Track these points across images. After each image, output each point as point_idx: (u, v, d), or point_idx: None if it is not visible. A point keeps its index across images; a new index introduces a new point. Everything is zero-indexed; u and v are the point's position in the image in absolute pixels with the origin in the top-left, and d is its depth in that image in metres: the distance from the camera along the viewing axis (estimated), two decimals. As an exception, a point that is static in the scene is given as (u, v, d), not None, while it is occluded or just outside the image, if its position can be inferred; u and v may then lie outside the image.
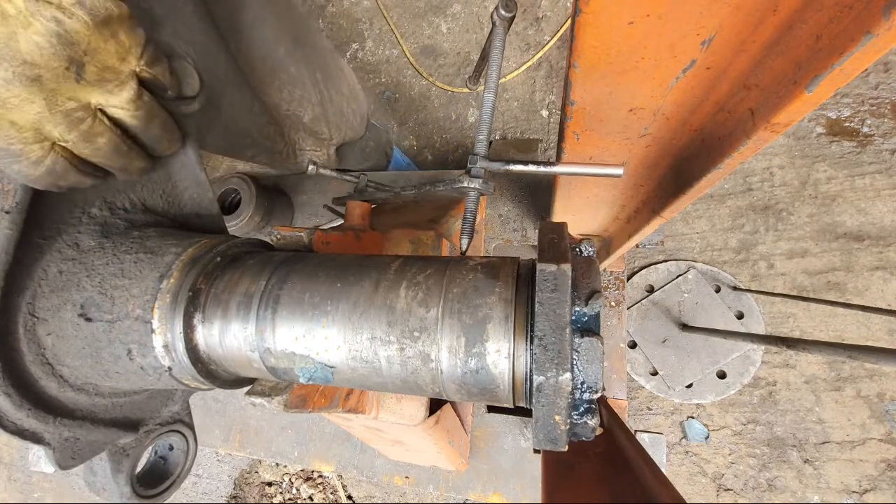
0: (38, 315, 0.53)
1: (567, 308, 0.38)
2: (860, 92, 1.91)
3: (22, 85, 0.39)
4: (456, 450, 1.28)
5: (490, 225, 1.72)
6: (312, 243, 0.63)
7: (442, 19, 2.38)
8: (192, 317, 0.52)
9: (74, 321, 0.53)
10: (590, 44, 0.52)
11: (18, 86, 0.39)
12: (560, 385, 0.37)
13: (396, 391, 0.49)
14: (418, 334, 0.45)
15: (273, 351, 0.50)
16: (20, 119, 0.41)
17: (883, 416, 1.73)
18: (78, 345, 0.53)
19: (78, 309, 0.53)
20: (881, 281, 1.80)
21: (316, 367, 0.49)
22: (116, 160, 0.50)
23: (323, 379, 0.50)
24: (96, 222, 0.59)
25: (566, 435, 0.40)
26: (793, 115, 0.49)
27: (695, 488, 1.83)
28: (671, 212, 0.85)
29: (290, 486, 2.20)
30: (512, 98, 2.26)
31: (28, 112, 0.40)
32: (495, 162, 0.70)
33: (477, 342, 0.43)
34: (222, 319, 0.51)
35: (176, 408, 0.69)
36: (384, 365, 0.46)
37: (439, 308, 0.45)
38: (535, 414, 0.39)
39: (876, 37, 0.36)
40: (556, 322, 0.38)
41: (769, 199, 1.94)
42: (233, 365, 0.54)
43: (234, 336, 0.51)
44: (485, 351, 0.42)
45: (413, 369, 0.46)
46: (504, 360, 0.42)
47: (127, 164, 0.52)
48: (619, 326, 1.64)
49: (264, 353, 0.50)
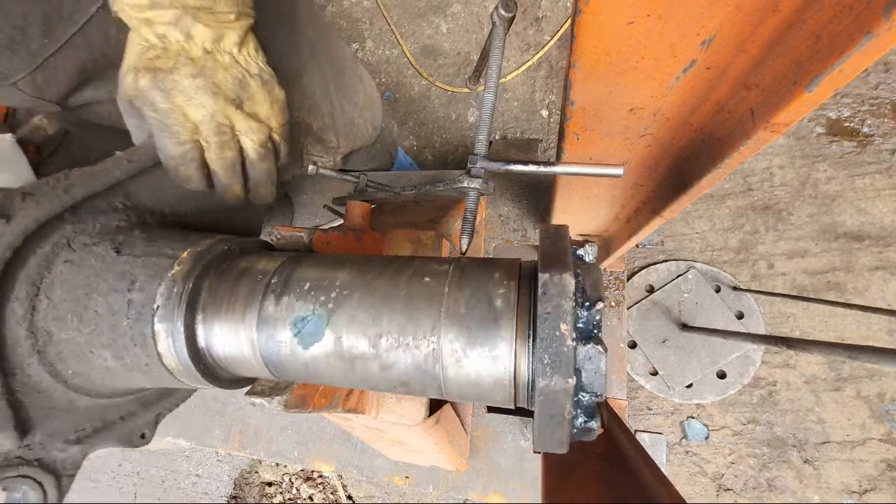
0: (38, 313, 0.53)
1: (569, 316, 0.38)
2: (860, 92, 1.91)
3: (206, 95, 0.58)
4: (456, 450, 1.28)
5: (490, 225, 1.72)
6: (312, 243, 0.63)
7: (442, 19, 2.39)
8: (194, 316, 0.52)
9: (75, 319, 0.53)
10: (590, 44, 0.52)
11: (203, 94, 0.58)
12: (562, 392, 0.37)
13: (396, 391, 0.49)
14: (420, 334, 0.45)
15: (273, 350, 0.50)
16: (191, 113, 0.59)
17: (883, 416, 1.73)
18: (78, 343, 0.53)
19: (79, 308, 0.53)
20: (881, 281, 1.80)
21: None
22: (227, 176, 0.65)
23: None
24: (99, 221, 0.59)
25: (567, 439, 0.40)
26: (793, 115, 0.49)
27: (695, 488, 1.83)
28: (671, 212, 0.85)
29: (290, 486, 2.20)
30: (512, 98, 2.26)
31: (198, 111, 0.59)
32: (495, 162, 0.70)
33: (478, 344, 0.43)
34: (223, 319, 0.51)
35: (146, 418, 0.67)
36: (386, 363, 0.46)
37: (441, 309, 0.45)
38: (537, 420, 0.39)
39: (876, 37, 0.36)
40: (558, 329, 0.38)
41: (769, 199, 1.94)
42: (233, 364, 0.54)
43: (235, 335, 0.51)
44: (486, 353, 0.42)
45: (414, 369, 0.46)
46: (506, 362, 0.42)
47: (231, 184, 0.66)
48: (619, 326, 1.64)
49: (264, 352, 0.50)
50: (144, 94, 0.57)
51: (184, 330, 0.50)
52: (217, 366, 0.54)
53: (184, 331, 0.50)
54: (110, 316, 0.52)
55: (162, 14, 0.55)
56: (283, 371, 0.52)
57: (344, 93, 1.21)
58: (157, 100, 0.57)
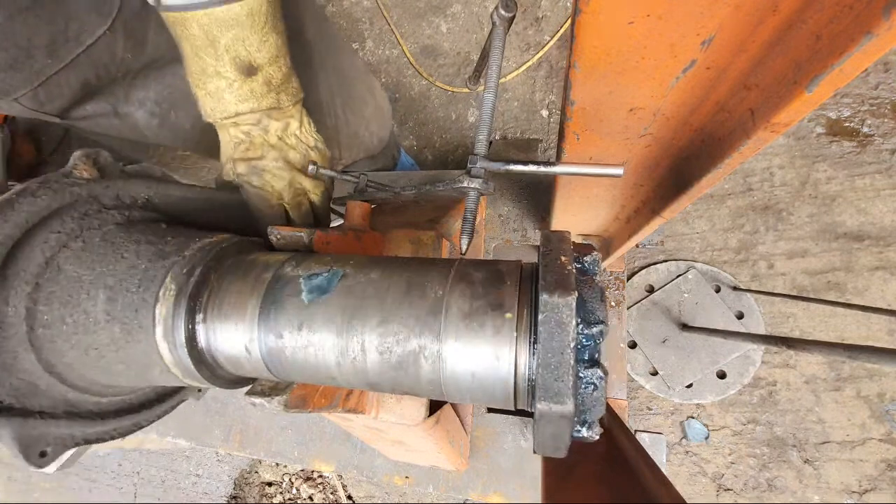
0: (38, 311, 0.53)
1: (570, 344, 0.38)
2: (860, 92, 1.91)
3: (284, 170, 0.77)
4: (456, 450, 1.28)
5: (490, 225, 1.72)
6: (312, 243, 0.63)
7: (442, 19, 2.39)
8: (194, 315, 0.52)
9: (76, 319, 0.53)
10: (590, 44, 0.52)
11: (283, 171, 0.77)
12: (561, 418, 0.38)
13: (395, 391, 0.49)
14: (421, 335, 0.45)
15: (273, 349, 0.50)
16: (275, 182, 0.77)
17: (883, 416, 1.73)
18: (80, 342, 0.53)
19: (81, 307, 0.53)
20: (881, 281, 1.80)
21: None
22: (302, 221, 0.82)
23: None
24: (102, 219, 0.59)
25: (566, 447, 0.40)
26: (793, 115, 0.49)
27: (695, 488, 1.83)
28: (671, 212, 0.85)
29: (290, 486, 2.20)
30: (512, 98, 2.26)
31: (279, 180, 0.77)
32: (495, 162, 0.70)
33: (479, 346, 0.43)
34: (224, 319, 0.51)
35: None
36: (385, 364, 0.46)
37: (443, 311, 0.45)
38: (536, 437, 0.40)
39: (876, 37, 0.36)
40: (559, 357, 0.38)
41: (769, 199, 1.94)
42: (233, 364, 0.54)
43: (235, 335, 0.51)
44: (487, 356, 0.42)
45: (415, 370, 0.46)
46: (507, 365, 0.42)
47: (307, 222, 0.84)
48: (619, 326, 1.64)
49: (264, 351, 0.50)
50: (243, 177, 0.76)
51: (184, 329, 0.50)
52: (217, 365, 0.54)
53: (184, 330, 0.50)
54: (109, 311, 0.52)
55: (246, 118, 0.72)
56: (282, 370, 0.52)
57: (352, 107, 1.24)
58: (253, 180, 0.76)
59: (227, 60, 0.66)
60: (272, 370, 0.52)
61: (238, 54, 0.66)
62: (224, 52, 0.65)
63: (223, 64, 0.66)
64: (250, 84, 0.69)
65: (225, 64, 0.66)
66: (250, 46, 0.66)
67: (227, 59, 0.66)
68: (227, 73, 0.67)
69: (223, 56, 0.66)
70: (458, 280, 0.47)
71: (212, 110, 0.71)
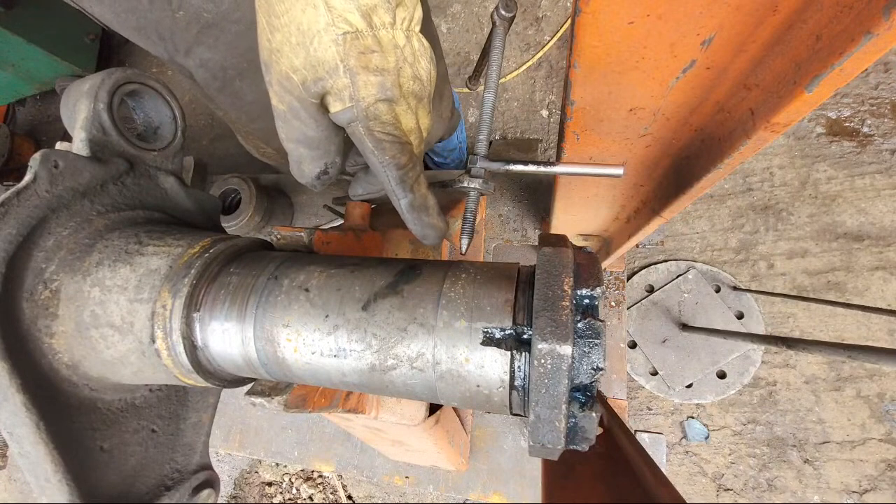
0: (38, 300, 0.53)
1: (564, 396, 0.37)
2: (860, 92, 1.91)
3: (414, 96, 0.49)
4: (456, 450, 1.28)
5: (490, 225, 1.72)
6: (312, 243, 0.63)
7: (442, 19, 2.38)
8: (192, 315, 0.52)
9: (76, 317, 0.53)
10: (590, 44, 0.52)
11: (414, 99, 0.49)
12: (553, 449, 0.38)
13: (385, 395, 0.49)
14: (419, 338, 0.45)
15: (270, 349, 0.50)
16: (406, 119, 0.50)
17: (883, 416, 1.73)
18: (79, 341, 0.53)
19: (81, 305, 0.53)
20: (881, 281, 1.80)
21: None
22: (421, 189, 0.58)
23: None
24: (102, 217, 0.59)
25: (562, 451, 0.40)
26: (793, 115, 0.49)
27: (695, 488, 1.83)
28: (671, 212, 0.85)
29: (290, 486, 2.20)
30: (512, 98, 2.26)
31: (410, 116, 0.50)
32: (495, 162, 0.70)
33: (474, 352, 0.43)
34: (221, 318, 0.51)
35: None
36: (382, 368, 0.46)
37: (438, 315, 0.45)
38: (531, 453, 0.40)
39: (876, 37, 0.36)
40: (553, 399, 0.38)
41: (769, 199, 1.94)
42: (231, 364, 0.54)
43: (233, 335, 0.51)
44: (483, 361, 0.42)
45: (411, 375, 0.46)
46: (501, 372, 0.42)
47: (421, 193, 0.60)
48: (619, 326, 1.64)
49: (261, 351, 0.50)
50: (369, 108, 0.45)
51: (182, 329, 0.50)
52: (215, 365, 0.54)
53: (182, 330, 0.50)
54: (107, 309, 0.52)
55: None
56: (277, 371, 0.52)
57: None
58: (382, 112, 0.45)
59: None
60: (268, 371, 0.52)
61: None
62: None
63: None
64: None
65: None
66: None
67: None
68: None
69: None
70: (455, 286, 0.47)
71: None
